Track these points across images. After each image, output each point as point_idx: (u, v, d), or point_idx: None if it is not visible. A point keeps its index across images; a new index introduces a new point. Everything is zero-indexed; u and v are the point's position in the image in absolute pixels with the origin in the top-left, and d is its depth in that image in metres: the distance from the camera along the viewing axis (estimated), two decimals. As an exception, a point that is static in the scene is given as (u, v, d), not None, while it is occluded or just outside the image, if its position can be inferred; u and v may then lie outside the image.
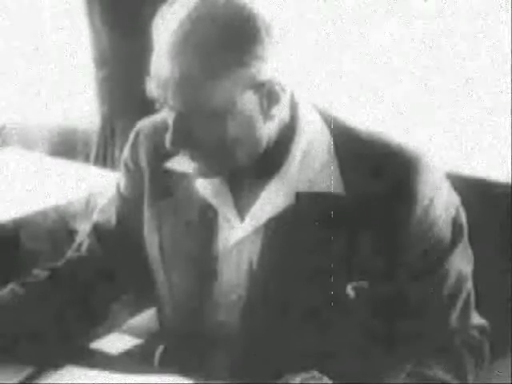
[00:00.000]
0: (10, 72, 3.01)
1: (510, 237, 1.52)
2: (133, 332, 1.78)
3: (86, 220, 2.08)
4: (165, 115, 1.27)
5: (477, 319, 1.35)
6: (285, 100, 1.25)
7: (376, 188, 1.26)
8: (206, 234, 1.35)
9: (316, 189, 1.29)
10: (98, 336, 1.57)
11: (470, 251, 1.34)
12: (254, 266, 1.32)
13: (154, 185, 1.41)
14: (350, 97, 2.36)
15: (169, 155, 1.36)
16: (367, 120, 1.37)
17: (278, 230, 1.30)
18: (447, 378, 1.26)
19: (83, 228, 1.57)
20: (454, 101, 2.26)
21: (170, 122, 1.24)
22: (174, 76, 1.19)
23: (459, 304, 1.31)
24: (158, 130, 1.37)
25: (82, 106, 2.93)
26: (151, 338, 1.68)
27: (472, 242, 1.34)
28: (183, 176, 1.37)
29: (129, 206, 1.47)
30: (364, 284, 1.29)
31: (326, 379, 1.18)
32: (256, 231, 1.32)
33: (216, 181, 1.34)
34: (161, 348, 1.50)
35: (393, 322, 1.30)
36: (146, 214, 1.43)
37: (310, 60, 2.21)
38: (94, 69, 2.81)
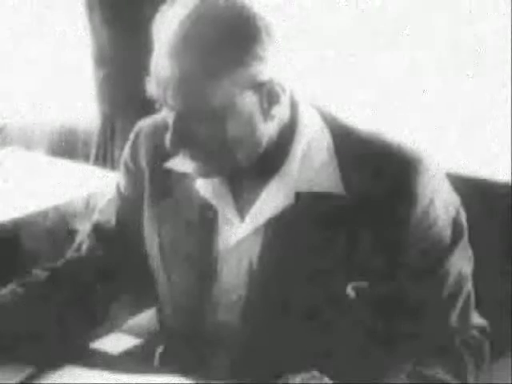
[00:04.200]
0: (9, 72, 3.01)
1: (510, 237, 1.52)
2: (133, 332, 1.78)
3: (86, 220, 2.08)
4: (165, 115, 1.27)
5: (477, 319, 1.35)
6: (285, 100, 1.25)
7: (376, 188, 1.26)
8: (206, 234, 1.35)
9: (316, 189, 1.29)
10: (98, 336, 1.57)
11: (469, 251, 1.34)
12: (254, 266, 1.32)
13: (154, 185, 1.41)
14: (350, 96, 2.36)
15: (169, 155, 1.36)
16: (367, 120, 1.37)
17: (278, 229, 1.30)
18: (447, 377, 1.26)
19: (83, 228, 1.57)
20: (453, 101, 2.26)
21: (170, 122, 1.24)
22: (174, 76, 1.19)
23: (459, 304, 1.31)
24: (158, 130, 1.37)
25: (82, 106, 2.93)
26: (151, 338, 1.68)
27: (472, 242, 1.34)
28: (183, 176, 1.36)
29: (129, 205, 1.47)
30: (364, 284, 1.29)
31: (326, 379, 1.18)
32: (256, 231, 1.32)
33: (216, 181, 1.34)
34: (161, 348, 1.50)
35: (393, 321, 1.30)
36: (146, 214, 1.43)
37: (310, 60, 2.21)
38: (93, 68, 2.81)
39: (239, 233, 1.33)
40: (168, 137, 1.24)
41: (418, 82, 2.30)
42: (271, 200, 1.31)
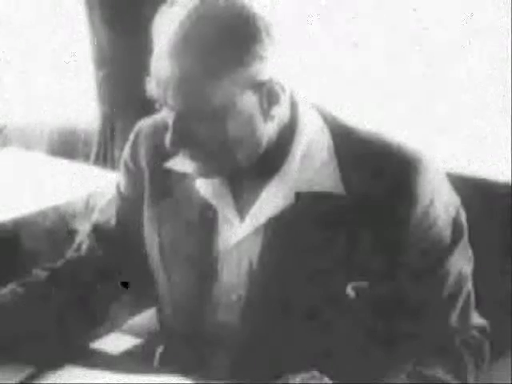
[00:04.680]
0: (9, 72, 3.01)
1: (510, 237, 1.52)
2: (133, 332, 1.78)
3: (86, 220, 2.08)
4: (165, 115, 1.27)
5: (477, 319, 1.35)
6: (285, 100, 1.25)
7: (376, 188, 1.26)
8: (206, 235, 1.35)
9: (316, 189, 1.29)
10: (98, 336, 1.57)
11: (469, 251, 1.34)
12: (254, 266, 1.32)
13: (154, 185, 1.41)
14: (351, 96, 2.36)
15: (169, 155, 1.36)
16: (367, 119, 1.37)
17: (278, 229, 1.30)
18: (447, 377, 1.26)
19: (83, 228, 1.57)
20: (453, 101, 2.26)
21: (170, 122, 1.24)
22: (174, 76, 1.19)
23: (459, 304, 1.31)
24: (158, 130, 1.37)
25: (82, 106, 2.93)
26: (151, 338, 1.67)
27: (472, 242, 1.34)
28: (183, 176, 1.37)
29: (129, 206, 1.47)
30: (364, 284, 1.29)
31: (326, 379, 1.18)
32: (256, 231, 1.32)
33: (216, 181, 1.34)
34: (161, 348, 1.50)
35: (393, 321, 1.30)
36: (146, 214, 1.43)
37: (310, 59, 2.21)
38: (94, 69, 2.81)
39: (239, 233, 1.33)
40: (168, 137, 1.24)
41: (418, 82, 2.30)
42: (271, 200, 1.31)
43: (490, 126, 2.20)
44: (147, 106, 1.33)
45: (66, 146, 2.95)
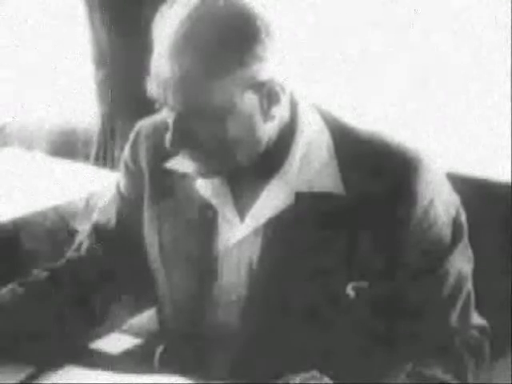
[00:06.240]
0: (10, 72, 3.02)
1: (510, 237, 1.52)
2: (133, 332, 1.78)
3: (86, 220, 2.07)
4: (165, 115, 1.27)
5: (477, 319, 1.35)
6: (285, 100, 1.25)
7: (376, 188, 1.26)
8: (206, 234, 1.35)
9: (316, 189, 1.29)
10: (98, 336, 1.57)
11: (469, 251, 1.34)
12: (254, 266, 1.32)
13: (154, 185, 1.41)
14: (350, 96, 2.36)
15: (169, 155, 1.36)
16: (368, 119, 1.37)
17: (277, 229, 1.30)
18: (447, 377, 1.26)
19: (83, 228, 1.57)
20: (453, 101, 2.26)
21: (170, 122, 1.24)
22: (174, 76, 1.19)
23: (459, 304, 1.31)
24: (158, 130, 1.37)
25: (82, 106, 2.93)
26: (151, 338, 1.68)
27: (472, 242, 1.34)
28: (183, 176, 1.37)
29: (129, 205, 1.47)
30: (364, 284, 1.29)
31: (326, 379, 1.18)
32: (256, 231, 1.32)
33: (216, 181, 1.34)
34: (161, 348, 1.50)
35: (393, 321, 1.30)
36: (146, 214, 1.43)
37: (310, 59, 2.21)
38: (93, 69, 2.81)
39: (239, 233, 1.33)
40: (168, 137, 1.24)
41: (419, 82, 2.30)
42: (271, 200, 1.31)
43: (490, 126, 2.20)
44: (147, 106, 1.33)
45: (66, 146, 2.95)
